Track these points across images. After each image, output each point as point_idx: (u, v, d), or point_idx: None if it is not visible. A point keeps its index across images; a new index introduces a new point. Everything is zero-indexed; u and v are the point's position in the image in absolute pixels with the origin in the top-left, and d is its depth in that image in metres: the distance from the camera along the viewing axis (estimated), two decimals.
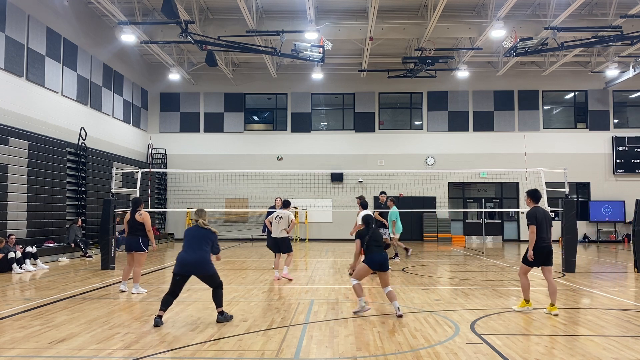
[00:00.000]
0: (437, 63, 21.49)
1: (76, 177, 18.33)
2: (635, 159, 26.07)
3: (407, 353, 5.74)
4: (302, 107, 27.01)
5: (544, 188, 14.14)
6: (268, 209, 13.78)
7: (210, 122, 26.98)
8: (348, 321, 7.35)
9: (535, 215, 7.90)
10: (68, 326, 6.94)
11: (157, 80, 26.58)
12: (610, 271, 14.15)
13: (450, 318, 7.58)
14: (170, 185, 26.20)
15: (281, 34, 18.11)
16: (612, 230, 25.89)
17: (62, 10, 18.16)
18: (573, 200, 14.77)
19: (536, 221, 7.84)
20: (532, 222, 7.85)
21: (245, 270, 13.61)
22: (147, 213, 10.08)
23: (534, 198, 8.19)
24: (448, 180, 25.67)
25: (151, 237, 9.89)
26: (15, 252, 12.89)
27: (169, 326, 7.01)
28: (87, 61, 20.09)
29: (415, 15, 20.22)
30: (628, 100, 27.13)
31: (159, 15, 18.15)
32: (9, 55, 15.29)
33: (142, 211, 10.00)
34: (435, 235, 25.61)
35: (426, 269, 14.22)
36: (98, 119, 21.04)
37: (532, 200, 8.19)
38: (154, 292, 9.90)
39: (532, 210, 7.99)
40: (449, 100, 26.74)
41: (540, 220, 7.89)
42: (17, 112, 15.73)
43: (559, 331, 6.86)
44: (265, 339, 6.32)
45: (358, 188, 25.81)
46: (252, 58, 25.19)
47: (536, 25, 19.62)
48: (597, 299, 9.42)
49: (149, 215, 10.20)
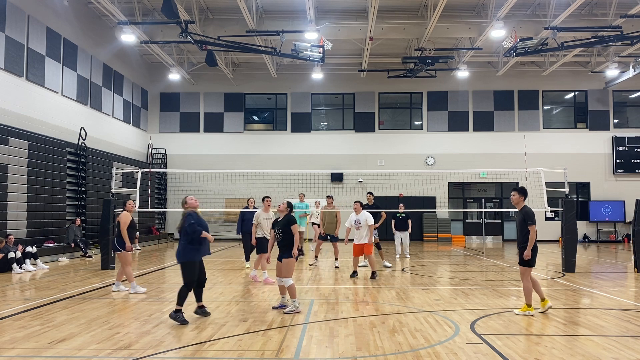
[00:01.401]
0: (437, 63, 21.49)
1: (76, 177, 18.32)
2: (635, 159, 26.07)
3: (407, 353, 5.74)
4: (302, 107, 27.01)
5: (544, 188, 14.15)
6: (242, 210, 14.02)
7: (210, 122, 26.99)
8: (348, 321, 7.34)
9: (534, 213, 7.70)
10: (68, 326, 6.94)
11: (157, 80, 26.58)
12: (610, 271, 14.15)
13: (450, 318, 7.58)
14: (170, 185, 26.20)
15: (281, 34, 18.12)
16: (612, 230, 25.89)
17: (62, 10, 18.16)
18: (573, 200, 14.76)
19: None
20: (533, 222, 7.61)
21: (245, 270, 13.60)
22: (126, 213, 9.92)
23: (525, 196, 7.89)
24: (448, 180, 25.67)
25: (124, 237, 9.72)
26: (15, 252, 12.89)
27: (169, 326, 7.01)
28: (87, 61, 20.09)
29: (415, 15, 20.22)
30: (628, 100, 27.13)
31: (159, 15, 18.16)
32: (9, 55, 15.29)
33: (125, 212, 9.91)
34: (435, 235, 25.61)
35: (426, 269, 14.22)
36: (98, 119, 21.04)
37: (523, 198, 7.86)
38: (153, 292, 9.90)
39: (530, 209, 7.73)
40: (449, 100, 26.74)
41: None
42: (17, 112, 15.73)
43: (559, 331, 6.86)
44: (265, 339, 6.32)
45: (358, 188, 25.81)
46: (252, 58, 25.19)
47: (536, 25, 19.62)
48: (597, 299, 9.41)
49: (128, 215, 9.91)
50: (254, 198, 14.39)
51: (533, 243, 7.60)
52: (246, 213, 13.79)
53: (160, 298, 9.29)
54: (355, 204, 12.06)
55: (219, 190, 20.73)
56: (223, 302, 8.82)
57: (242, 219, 13.79)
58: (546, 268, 14.51)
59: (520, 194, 7.85)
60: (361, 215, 11.77)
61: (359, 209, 11.89)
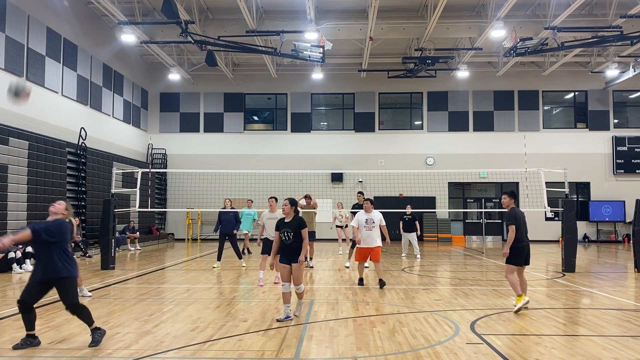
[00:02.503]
0: (437, 63, 21.50)
1: (76, 177, 18.32)
2: (635, 159, 26.07)
3: (407, 353, 5.74)
4: (302, 107, 27.01)
5: (544, 188, 14.16)
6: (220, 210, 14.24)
7: (210, 122, 26.99)
8: (348, 321, 7.34)
9: (515, 215, 8.22)
10: (68, 326, 6.94)
11: (157, 80, 26.58)
12: (610, 271, 14.15)
13: (450, 318, 7.58)
14: (170, 185, 26.20)
15: (281, 34, 18.12)
16: (612, 230, 25.88)
17: (62, 10, 18.16)
18: (573, 200, 14.77)
19: (516, 221, 8.15)
20: (512, 222, 8.17)
21: (245, 270, 13.60)
22: None
23: (515, 198, 8.52)
24: (448, 180, 25.67)
25: None
26: (15, 252, 12.90)
27: (169, 326, 7.01)
28: (87, 61, 20.09)
29: (415, 15, 20.22)
30: (628, 100, 27.13)
31: (159, 15, 18.16)
32: (9, 55, 15.29)
33: None
34: (436, 236, 25.61)
35: (426, 269, 14.22)
36: (98, 119, 21.04)
37: (513, 201, 8.46)
38: (153, 292, 9.90)
39: (513, 211, 8.28)
40: (449, 100, 26.74)
41: (519, 220, 8.22)
42: (17, 112, 15.72)
43: (559, 331, 6.86)
44: (265, 339, 6.32)
45: (358, 188, 25.80)
46: (252, 58, 25.19)
47: (536, 25, 19.61)
48: (597, 299, 9.41)
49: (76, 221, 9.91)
50: (230, 199, 14.74)
51: (511, 242, 8.12)
52: (222, 213, 13.97)
53: (161, 298, 9.29)
54: (365, 202, 10.87)
55: (219, 190, 20.72)
56: (223, 302, 8.82)
57: (219, 219, 13.98)
58: (546, 268, 14.51)
59: (510, 197, 8.50)
60: (374, 215, 10.54)
61: (369, 208, 10.70)
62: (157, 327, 6.93)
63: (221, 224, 13.90)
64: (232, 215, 13.97)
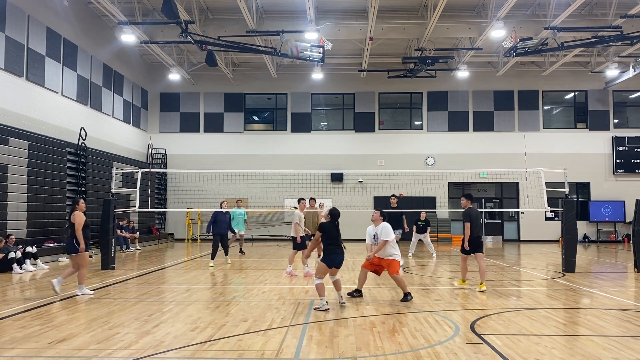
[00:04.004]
0: (437, 63, 21.48)
1: (76, 177, 18.32)
2: (635, 159, 26.07)
3: (407, 353, 5.74)
4: (302, 107, 27.01)
5: (544, 188, 14.16)
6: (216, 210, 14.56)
7: (210, 122, 26.99)
8: (348, 321, 7.34)
9: (470, 214, 9.78)
10: (68, 326, 6.94)
11: (157, 80, 26.58)
12: (610, 271, 14.15)
13: (450, 318, 7.58)
14: (170, 185, 26.20)
15: (281, 34, 18.10)
16: (612, 230, 25.89)
17: (62, 10, 18.16)
18: (573, 200, 14.76)
19: (470, 219, 9.73)
20: (467, 220, 9.80)
21: (245, 270, 13.61)
22: (79, 213, 9.69)
23: (471, 199, 10.09)
24: (448, 180, 25.66)
25: (79, 237, 9.41)
26: (15, 252, 12.89)
27: (169, 326, 7.01)
28: (87, 61, 20.09)
29: (415, 15, 20.22)
30: (628, 100, 27.13)
31: (159, 15, 18.15)
32: (9, 55, 15.28)
33: (77, 211, 9.70)
34: (436, 236, 25.55)
35: (426, 269, 14.22)
36: (98, 119, 21.04)
37: (469, 202, 10.03)
38: (153, 292, 9.90)
39: (467, 211, 9.85)
40: (449, 100, 26.74)
41: (474, 218, 9.81)
42: (17, 112, 15.73)
43: (559, 331, 6.86)
44: (265, 339, 6.32)
45: (358, 188, 25.83)
46: (252, 58, 25.19)
47: (536, 25, 19.61)
48: (597, 299, 9.41)
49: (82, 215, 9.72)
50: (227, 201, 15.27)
51: (468, 237, 9.88)
52: (219, 214, 14.16)
53: (161, 298, 9.29)
54: (374, 213, 9.30)
55: (219, 191, 20.70)
56: (223, 302, 8.82)
57: (214, 219, 14.15)
58: (546, 268, 14.52)
59: (467, 199, 10.13)
60: (379, 229, 9.04)
61: (378, 220, 9.11)
62: (157, 327, 6.93)
63: (215, 225, 14.12)
64: (228, 217, 14.69)
